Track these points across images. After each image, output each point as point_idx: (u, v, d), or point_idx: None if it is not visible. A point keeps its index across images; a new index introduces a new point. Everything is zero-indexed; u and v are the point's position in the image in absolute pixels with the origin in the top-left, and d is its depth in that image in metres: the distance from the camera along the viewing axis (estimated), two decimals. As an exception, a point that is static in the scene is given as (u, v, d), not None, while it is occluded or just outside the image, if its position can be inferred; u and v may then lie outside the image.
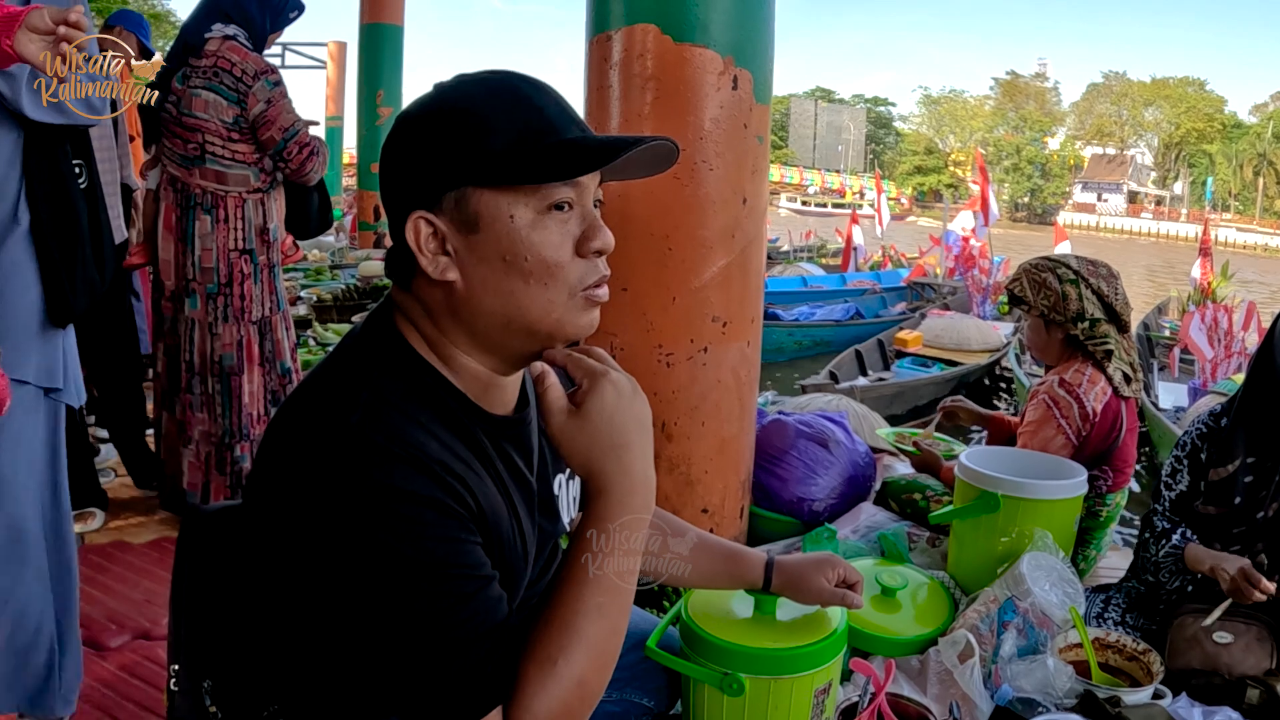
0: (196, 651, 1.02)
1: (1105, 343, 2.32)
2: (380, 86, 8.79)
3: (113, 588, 2.49)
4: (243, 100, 2.65)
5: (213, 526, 1.05)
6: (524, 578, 1.02)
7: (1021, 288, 2.40)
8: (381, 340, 0.94)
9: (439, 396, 0.92)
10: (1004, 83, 74.43)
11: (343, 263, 8.07)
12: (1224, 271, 11.18)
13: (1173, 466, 2.03)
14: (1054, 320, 2.35)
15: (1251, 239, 46.49)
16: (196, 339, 2.77)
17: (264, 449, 0.91)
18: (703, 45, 2.21)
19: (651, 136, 0.91)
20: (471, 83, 0.91)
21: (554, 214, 0.89)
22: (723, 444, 2.44)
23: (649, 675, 1.42)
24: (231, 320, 2.76)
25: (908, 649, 1.87)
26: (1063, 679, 1.69)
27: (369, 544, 0.81)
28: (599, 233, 0.91)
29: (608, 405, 0.90)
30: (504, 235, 0.88)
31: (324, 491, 0.82)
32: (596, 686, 0.89)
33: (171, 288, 2.79)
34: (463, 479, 0.87)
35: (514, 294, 0.89)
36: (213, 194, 2.71)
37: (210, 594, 1.02)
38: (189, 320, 2.76)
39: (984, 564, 2.07)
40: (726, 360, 2.39)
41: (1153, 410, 6.40)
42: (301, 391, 0.92)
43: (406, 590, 0.81)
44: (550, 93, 0.92)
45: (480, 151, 0.86)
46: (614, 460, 0.90)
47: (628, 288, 2.28)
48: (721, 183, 2.28)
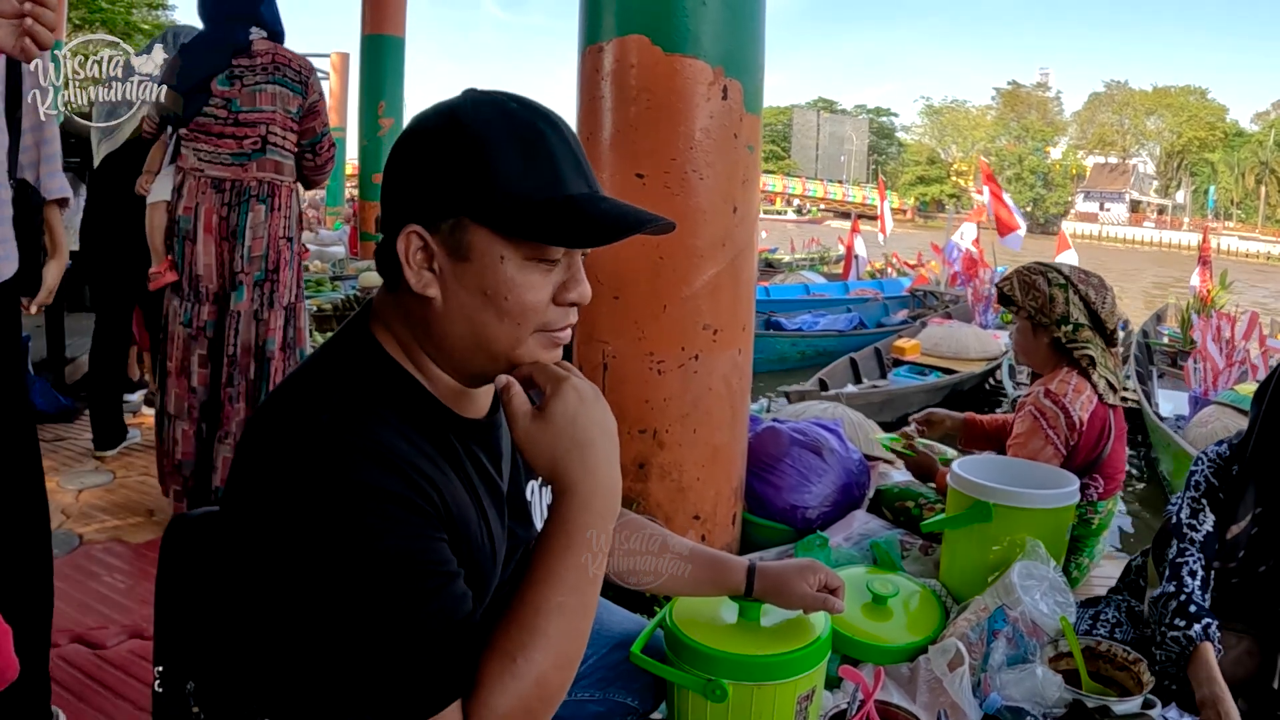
0: (180, 654, 1.03)
1: (1086, 348, 2.34)
2: (382, 98, 8.81)
3: (112, 586, 2.52)
4: (305, 90, 2.82)
5: (195, 531, 1.07)
6: (493, 579, 1.03)
7: (1011, 287, 2.44)
8: (356, 345, 0.96)
9: (410, 399, 0.94)
10: (1006, 92, 74.58)
11: (343, 274, 8.08)
12: (1222, 280, 11.18)
13: (1191, 508, 1.89)
14: (1040, 323, 2.38)
15: (1254, 247, 46.46)
16: (241, 329, 2.80)
17: (240, 448, 0.92)
18: (693, 56, 2.23)
19: (653, 217, 0.93)
20: (491, 110, 0.91)
21: (542, 264, 0.91)
22: (714, 451, 2.45)
23: (633, 675, 1.42)
24: (276, 306, 2.84)
25: (898, 657, 1.87)
26: (1052, 688, 1.69)
27: (335, 538, 0.82)
28: (577, 286, 0.94)
29: (570, 407, 0.92)
30: (490, 272, 0.90)
31: (294, 487, 0.83)
32: (557, 685, 0.90)
33: (215, 289, 2.80)
34: (430, 479, 0.89)
35: (487, 325, 0.91)
36: (270, 183, 2.79)
37: (192, 597, 1.04)
38: (235, 314, 2.79)
39: (976, 572, 2.07)
40: (718, 368, 2.40)
41: (1153, 418, 6.39)
42: (277, 394, 0.94)
43: (371, 583, 0.82)
44: (565, 135, 0.93)
45: (486, 191, 0.88)
46: (577, 460, 0.91)
47: (619, 296, 2.29)
48: (712, 192, 2.29)
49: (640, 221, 0.92)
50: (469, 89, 0.95)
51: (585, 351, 2.42)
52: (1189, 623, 1.70)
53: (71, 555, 2.69)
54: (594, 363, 2.37)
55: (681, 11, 2.21)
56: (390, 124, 8.86)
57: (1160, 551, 1.97)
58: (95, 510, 3.06)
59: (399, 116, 8.92)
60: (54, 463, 3.47)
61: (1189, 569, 1.79)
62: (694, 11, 2.22)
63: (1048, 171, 66.65)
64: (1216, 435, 5.31)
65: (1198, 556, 1.81)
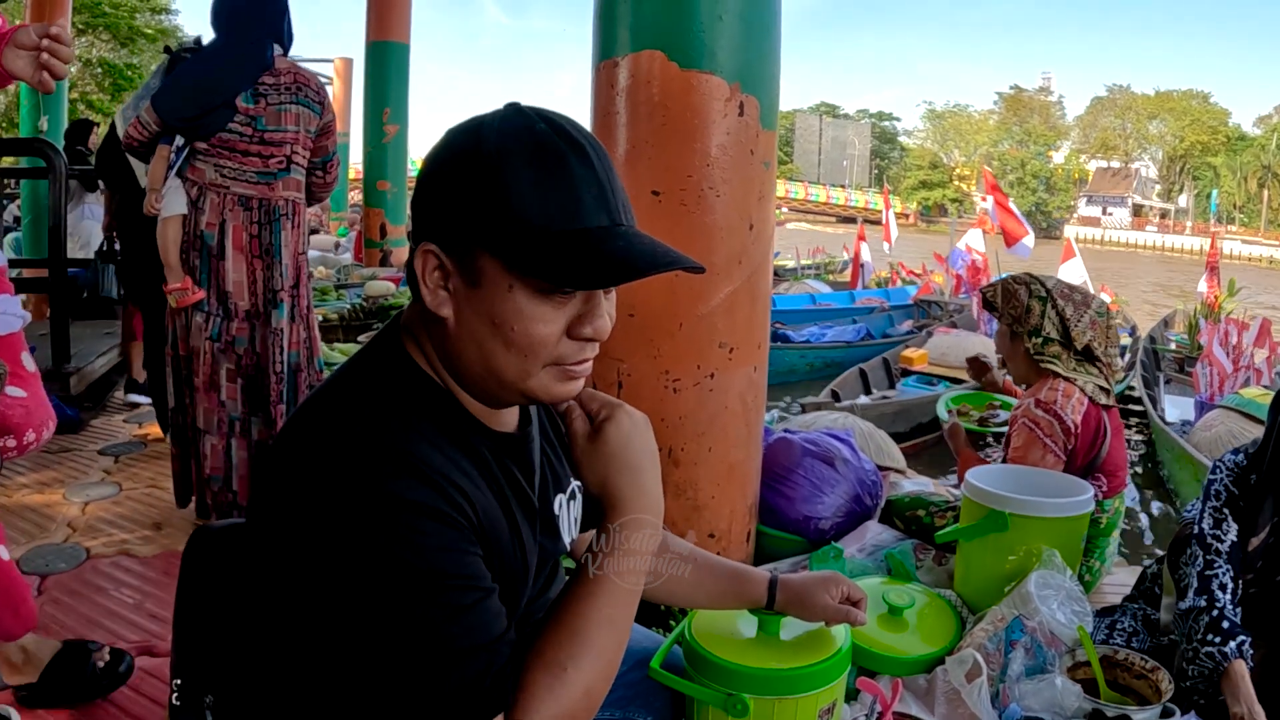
0: (199, 667, 1.04)
1: (1052, 363, 2.41)
2: (386, 104, 8.81)
3: (120, 601, 2.50)
4: (322, 111, 2.89)
5: (219, 543, 1.08)
6: (525, 592, 1.04)
7: (994, 293, 2.54)
8: (387, 357, 0.96)
9: (443, 411, 0.94)
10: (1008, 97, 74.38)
11: (348, 282, 8.06)
12: (1230, 287, 11.18)
13: (1214, 518, 1.86)
14: (1015, 331, 2.47)
15: (1257, 251, 46.34)
16: (286, 347, 2.85)
17: (270, 459, 0.92)
18: (709, 72, 2.23)
19: (672, 259, 0.89)
20: (515, 131, 0.88)
21: (554, 298, 0.88)
22: (730, 469, 2.45)
23: (652, 694, 1.42)
24: (298, 320, 2.89)
25: (915, 668, 1.88)
26: (1071, 698, 1.70)
27: (369, 551, 0.82)
28: (594, 320, 0.90)
29: (624, 431, 0.98)
30: (497, 302, 0.88)
31: (327, 499, 0.84)
32: (599, 695, 0.93)
33: (246, 307, 2.82)
34: (464, 491, 0.89)
35: (494, 354, 0.90)
36: (293, 202, 2.86)
37: (215, 610, 1.04)
38: (278, 331, 2.82)
39: (991, 582, 2.08)
40: (733, 386, 2.40)
41: (1158, 423, 6.38)
42: (307, 406, 0.94)
43: (404, 598, 0.83)
44: (592, 160, 0.89)
45: (496, 218, 0.86)
46: (628, 480, 0.98)
47: (635, 314, 2.29)
48: (728, 209, 2.29)
49: (653, 264, 0.87)
50: (511, 103, 0.93)
51: (600, 369, 2.42)
52: (1224, 639, 1.68)
53: (79, 569, 2.67)
54: (609, 380, 2.37)
55: (698, 27, 2.21)
56: (395, 130, 8.87)
57: (1176, 559, 1.98)
58: (102, 523, 3.04)
59: (403, 123, 8.93)
60: (59, 474, 3.48)
61: (1219, 582, 1.78)
62: (710, 27, 2.22)
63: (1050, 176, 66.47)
64: (1220, 439, 5.32)
65: (1226, 568, 1.80)
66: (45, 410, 1.52)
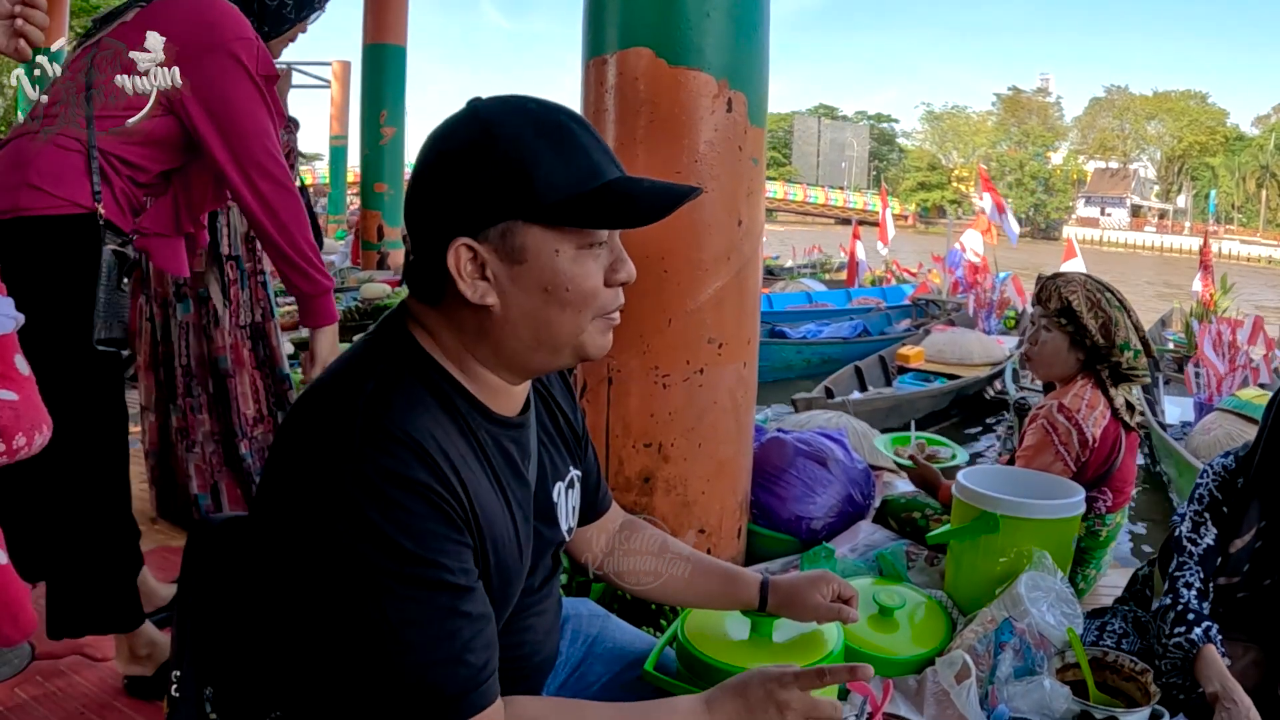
0: (199, 659, 1.04)
1: (1144, 375, 2.32)
2: (383, 107, 8.82)
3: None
4: None
5: (220, 536, 1.08)
6: (519, 577, 1.05)
7: (1079, 301, 2.32)
8: (393, 340, 0.99)
9: (445, 390, 0.97)
10: (1006, 98, 74.58)
11: (344, 285, 8.03)
12: (1223, 284, 11.21)
13: (1194, 522, 1.88)
14: (1092, 342, 2.31)
15: (1256, 251, 46.43)
16: (192, 343, 2.83)
17: (275, 444, 0.95)
18: (697, 68, 2.22)
19: (688, 189, 0.97)
20: (515, 114, 0.93)
21: (592, 249, 0.96)
22: (720, 465, 2.45)
23: (645, 696, 1.41)
24: (223, 324, 2.84)
25: (905, 669, 1.86)
26: (1059, 700, 1.69)
27: (358, 521, 0.84)
28: (624, 265, 1.00)
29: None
30: (548, 268, 0.93)
31: (325, 469, 0.86)
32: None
33: (164, 294, 2.84)
34: (459, 473, 0.91)
35: (550, 320, 0.96)
36: None
37: (215, 602, 1.05)
38: (183, 324, 2.82)
39: (982, 584, 2.07)
40: (723, 382, 2.39)
41: (1156, 427, 6.37)
42: (313, 389, 0.96)
43: (387, 576, 0.84)
44: (587, 126, 0.96)
45: (531, 191, 0.90)
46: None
47: (623, 309, 2.28)
48: (717, 205, 2.29)
49: (681, 194, 0.96)
50: (474, 98, 0.97)
51: (590, 365, 2.42)
52: (1188, 628, 1.71)
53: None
54: (599, 377, 2.37)
55: (686, 24, 2.21)
56: (392, 133, 8.89)
57: (1166, 562, 1.97)
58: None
59: (401, 126, 8.94)
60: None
61: (1184, 581, 1.80)
62: (698, 24, 2.22)
63: (1049, 177, 66.67)
64: (1219, 442, 5.32)
65: (1195, 570, 1.81)
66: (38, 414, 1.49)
